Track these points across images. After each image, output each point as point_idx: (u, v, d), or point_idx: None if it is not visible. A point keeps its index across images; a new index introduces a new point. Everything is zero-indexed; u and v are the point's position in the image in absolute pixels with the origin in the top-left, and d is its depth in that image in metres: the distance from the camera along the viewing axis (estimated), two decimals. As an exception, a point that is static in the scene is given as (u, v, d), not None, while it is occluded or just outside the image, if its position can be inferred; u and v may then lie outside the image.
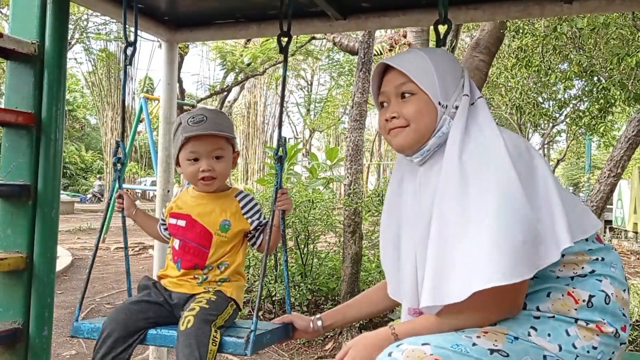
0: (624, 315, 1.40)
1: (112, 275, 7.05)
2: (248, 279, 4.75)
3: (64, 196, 20.12)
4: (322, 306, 4.55)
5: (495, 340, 1.30)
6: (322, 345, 4.12)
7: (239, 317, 2.07)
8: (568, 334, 1.34)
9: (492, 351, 1.28)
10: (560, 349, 1.33)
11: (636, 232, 11.78)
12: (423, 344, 1.28)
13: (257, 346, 1.76)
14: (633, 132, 5.26)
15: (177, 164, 1.99)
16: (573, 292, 1.37)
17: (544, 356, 1.33)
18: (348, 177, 4.40)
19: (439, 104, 1.48)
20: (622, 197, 13.07)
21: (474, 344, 1.28)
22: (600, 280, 1.39)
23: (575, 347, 1.33)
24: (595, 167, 19.82)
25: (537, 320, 1.36)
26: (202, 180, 1.92)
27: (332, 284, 4.66)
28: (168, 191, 2.89)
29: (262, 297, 4.56)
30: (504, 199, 1.29)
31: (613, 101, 6.88)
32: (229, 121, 1.98)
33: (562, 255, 1.36)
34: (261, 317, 4.57)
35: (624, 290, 1.43)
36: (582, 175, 21.05)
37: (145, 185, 21.78)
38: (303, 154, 21.62)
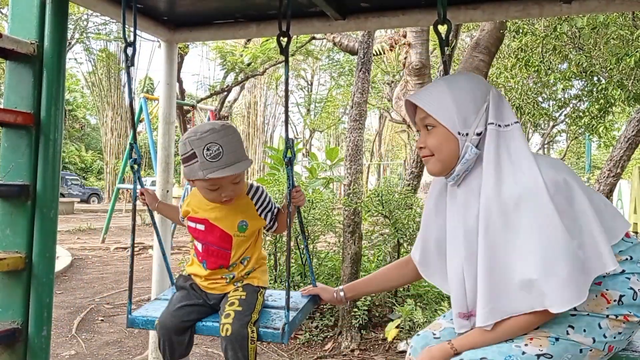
0: None
1: (112, 275, 7.05)
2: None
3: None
4: (322, 306, 4.55)
5: (540, 346, 1.47)
6: (321, 345, 4.12)
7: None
8: (600, 327, 1.52)
9: (538, 356, 1.46)
10: (594, 340, 1.50)
11: (636, 232, 11.77)
12: (481, 358, 1.48)
13: (292, 330, 1.96)
14: (632, 132, 5.26)
15: (192, 181, 2.03)
16: (606, 293, 1.53)
17: (580, 350, 1.50)
18: (348, 177, 4.40)
19: (459, 133, 1.55)
20: (622, 197, 13.06)
21: (523, 352, 1.46)
22: (629, 278, 1.54)
23: (605, 337, 1.51)
24: (595, 167, 19.82)
25: (573, 317, 1.52)
26: (224, 202, 2.01)
27: (332, 284, 4.66)
28: (167, 191, 2.89)
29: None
30: (545, 237, 1.41)
31: (613, 101, 6.88)
32: (239, 139, 1.99)
33: None
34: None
35: None
36: (582, 175, 21.04)
37: (145, 185, 21.76)
38: (303, 154, 21.62)
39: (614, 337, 1.53)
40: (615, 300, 1.53)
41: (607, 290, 1.53)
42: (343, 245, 4.30)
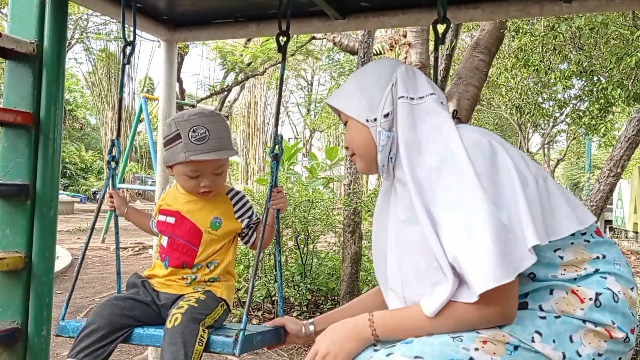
0: (632, 315, 1.31)
1: (112, 275, 7.04)
2: (247, 278, 4.75)
3: (64, 196, 20.10)
4: (322, 306, 4.55)
5: (494, 353, 1.22)
6: (321, 345, 4.12)
7: (230, 320, 2.04)
8: (571, 340, 1.25)
9: None
10: (564, 357, 1.23)
11: (636, 232, 11.78)
12: (416, 357, 1.22)
13: (246, 346, 1.72)
14: (633, 131, 5.25)
15: (170, 168, 1.92)
16: (577, 290, 1.29)
17: None
18: (348, 176, 4.40)
19: (367, 120, 1.45)
20: (622, 197, 13.07)
21: (470, 358, 1.21)
22: (605, 278, 1.31)
23: (579, 355, 1.24)
24: (595, 167, 19.83)
25: (543, 321, 1.26)
26: (201, 193, 1.90)
27: (332, 283, 4.66)
28: (167, 191, 2.88)
29: (262, 297, 4.55)
30: (464, 206, 1.24)
31: (613, 101, 6.88)
32: (227, 128, 1.91)
33: (561, 258, 1.32)
34: (261, 317, 4.57)
35: (632, 289, 1.33)
36: (582, 175, 21.05)
37: (146, 184, 21.76)
38: (303, 154, 21.63)
39: (592, 359, 1.24)
40: (591, 299, 1.28)
41: (578, 287, 1.30)
42: (343, 245, 4.30)
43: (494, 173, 1.28)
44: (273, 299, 4.54)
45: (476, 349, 1.22)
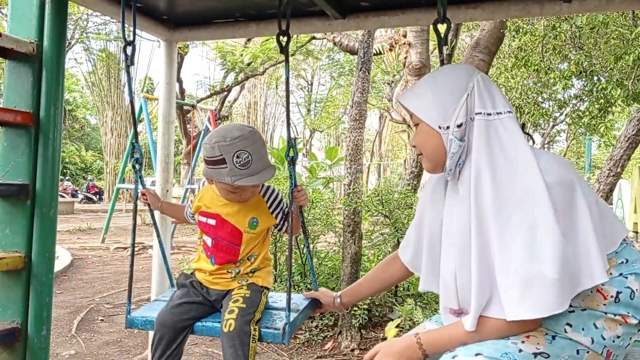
0: None
1: (112, 275, 7.05)
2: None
3: (64, 196, 20.10)
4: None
5: (538, 344, 1.39)
6: (321, 345, 4.12)
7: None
8: (596, 327, 1.43)
9: (535, 355, 1.38)
10: (593, 341, 1.42)
11: (636, 232, 11.76)
12: (476, 354, 1.39)
13: (292, 331, 1.96)
14: (633, 131, 5.25)
15: (211, 181, 2.08)
16: (602, 289, 1.45)
17: (577, 350, 1.42)
18: (348, 176, 4.40)
19: (439, 127, 1.49)
20: (622, 197, 13.06)
21: (520, 350, 1.38)
22: (627, 278, 1.47)
23: (603, 338, 1.43)
24: (595, 167, 19.82)
25: (572, 314, 1.43)
26: (239, 201, 2.07)
27: (332, 283, 4.66)
28: (167, 191, 2.88)
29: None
30: (537, 236, 1.34)
31: (613, 100, 6.87)
32: (264, 145, 2.03)
33: None
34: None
35: None
36: (582, 175, 21.05)
37: (145, 184, 21.75)
38: (303, 154, 21.62)
39: (613, 341, 1.44)
40: (612, 297, 1.45)
41: (602, 285, 1.45)
42: (343, 245, 4.30)
43: (571, 211, 1.38)
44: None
45: (522, 342, 1.40)
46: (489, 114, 1.46)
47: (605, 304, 1.45)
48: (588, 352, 1.43)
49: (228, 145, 1.90)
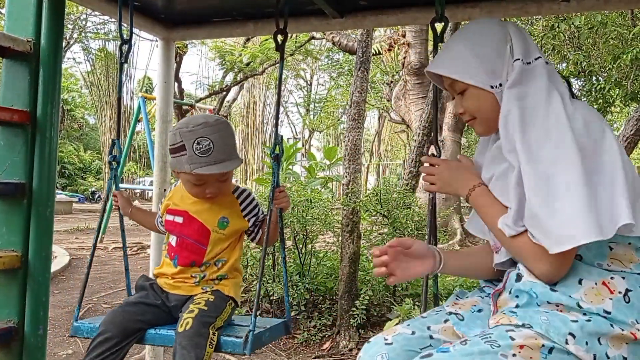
0: None
1: (110, 275, 7.04)
2: (245, 278, 4.74)
3: (62, 196, 20.10)
4: (320, 305, 4.54)
5: (531, 358, 1.22)
6: (319, 344, 4.12)
7: (237, 313, 2.09)
8: (600, 343, 1.25)
9: None
10: (595, 358, 1.24)
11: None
12: None
13: (255, 345, 1.77)
14: (631, 131, 5.26)
15: (176, 173, 1.97)
16: (609, 282, 1.30)
17: None
18: (346, 176, 4.39)
19: (492, 87, 1.43)
20: (621, 197, 13.04)
21: None
22: None
23: (608, 357, 1.25)
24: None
25: (575, 324, 1.26)
26: (206, 198, 1.94)
27: (330, 283, 4.66)
28: (165, 190, 2.88)
29: (261, 297, 4.55)
30: (557, 171, 1.27)
31: (611, 101, 6.88)
32: (231, 135, 1.93)
33: (610, 249, 1.32)
34: (259, 316, 4.57)
35: None
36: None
37: (144, 185, 21.77)
38: (302, 154, 21.63)
39: None
40: (620, 292, 1.28)
41: (611, 279, 1.30)
42: (341, 245, 4.30)
43: (597, 150, 1.31)
44: (271, 298, 4.53)
45: (514, 355, 1.22)
46: (529, 63, 1.43)
47: (611, 299, 1.28)
48: None
49: (189, 132, 1.82)
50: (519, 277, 1.38)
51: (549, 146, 1.31)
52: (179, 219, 1.98)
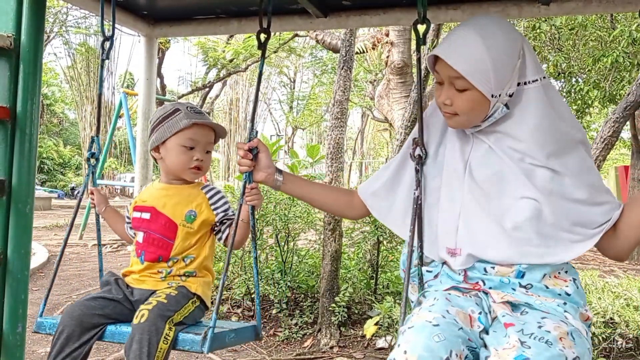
0: None
1: (89, 272, 6.97)
2: (227, 277, 4.73)
3: (41, 192, 19.82)
4: (302, 303, 4.56)
5: (570, 347, 1.31)
6: (300, 342, 4.13)
7: (207, 318, 2.01)
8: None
9: None
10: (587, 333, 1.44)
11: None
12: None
13: (217, 344, 1.71)
14: (609, 132, 5.35)
15: (157, 150, 1.97)
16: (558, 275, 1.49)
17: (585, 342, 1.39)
18: (329, 174, 4.40)
19: (492, 96, 1.46)
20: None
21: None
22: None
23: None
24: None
25: (564, 305, 1.46)
26: (193, 169, 1.94)
27: (312, 281, 4.67)
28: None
29: (242, 295, 4.55)
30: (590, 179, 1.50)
31: (590, 102, 6.99)
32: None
33: None
34: (240, 314, 4.56)
35: None
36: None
37: (125, 181, 21.55)
38: (285, 151, 21.59)
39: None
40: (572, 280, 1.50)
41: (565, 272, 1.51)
42: (323, 243, 4.31)
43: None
44: (252, 296, 4.54)
45: (563, 347, 1.31)
46: (544, 77, 1.52)
47: (567, 286, 1.47)
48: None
49: (181, 103, 1.98)
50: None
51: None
52: (146, 215, 1.96)
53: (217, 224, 1.98)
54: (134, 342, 1.67)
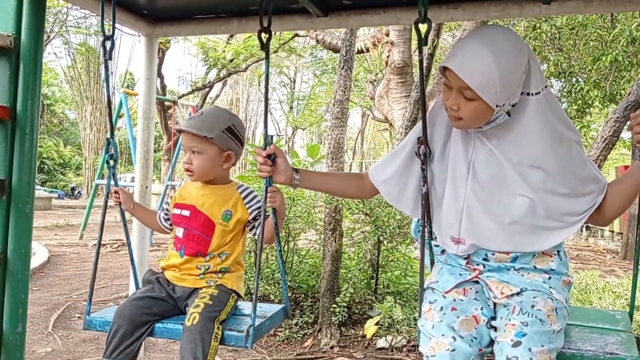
0: None
1: (90, 272, 6.94)
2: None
3: (42, 192, 19.82)
4: (302, 303, 4.55)
5: (556, 323, 1.60)
6: (301, 342, 4.13)
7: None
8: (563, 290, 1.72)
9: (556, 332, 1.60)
10: (566, 300, 1.69)
11: (612, 231, 11.98)
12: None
13: (257, 337, 1.90)
14: (609, 132, 5.34)
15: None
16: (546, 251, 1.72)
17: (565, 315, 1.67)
18: (329, 174, 4.40)
19: (497, 106, 1.56)
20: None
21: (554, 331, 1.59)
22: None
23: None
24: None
25: (549, 280, 1.71)
26: (185, 171, 2.08)
27: (312, 281, 4.67)
28: (146, 187, 2.86)
29: (244, 294, 4.54)
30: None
31: (591, 102, 6.98)
32: (220, 117, 2.07)
33: None
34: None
35: None
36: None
37: (125, 181, 21.54)
38: (285, 151, 21.55)
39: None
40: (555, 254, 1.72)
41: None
42: (324, 243, 4.31)
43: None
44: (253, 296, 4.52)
45: (551, 324, 1.59)
46: (545, 87, 1.63)
47: (552, 261, 1.71)
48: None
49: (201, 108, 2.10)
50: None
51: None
52: (186, 212, 2.10)
53: (250, 220, 2.13)
54: (189, 342, 1.84)
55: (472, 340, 1.59)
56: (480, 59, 1.53)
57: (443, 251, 1.81)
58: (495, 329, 1.63)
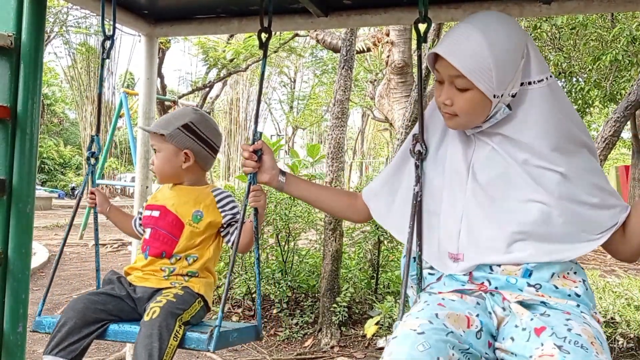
0: None
1: (90, 272, 6.96)
2: (225, 275, 4.73)
3: (42, 192, 19.83)
4: (302, 303, 4.55)
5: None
6: (301, 342, 4.13)
7: (210, 318, 2.06)
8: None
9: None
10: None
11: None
12: None
13: (221, 343, 1.74)
14: (610, 132, 5.34)
15: None
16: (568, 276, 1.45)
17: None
18: (329, 174, 4.40)
19: (494, 96, 1.41)
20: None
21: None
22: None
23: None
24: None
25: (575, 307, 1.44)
26: (157, 170, 2.06)
27: (312, 281, 4.67)
28: (147, 187, 2.86)
29: (242, 295, 4.54)
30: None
31: (591, 101, 6.98)
32: (176, 118, 2.03)
33: None
34: (241, 314, 4.56)
35: None
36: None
37: (125, 181, 21.54)
38: (285, 151, 21.58)
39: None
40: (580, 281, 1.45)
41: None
42: (324, 243, 4.31)
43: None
44: (253, 296, 4.53)
45: (592, 343, 1.28)
46: (550, 77, 1.46)
47: (577, 287, 1.43)
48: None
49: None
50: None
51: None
52: (156, 213, 2.02)
53: (224, 226, 2.00)
54: (145, 337, 1.68)
55: (451, 335, 1.29)
56: (470, 41, 1.39)
57: (439, 278, 1.54)
58: (503, 351, 1.34)
